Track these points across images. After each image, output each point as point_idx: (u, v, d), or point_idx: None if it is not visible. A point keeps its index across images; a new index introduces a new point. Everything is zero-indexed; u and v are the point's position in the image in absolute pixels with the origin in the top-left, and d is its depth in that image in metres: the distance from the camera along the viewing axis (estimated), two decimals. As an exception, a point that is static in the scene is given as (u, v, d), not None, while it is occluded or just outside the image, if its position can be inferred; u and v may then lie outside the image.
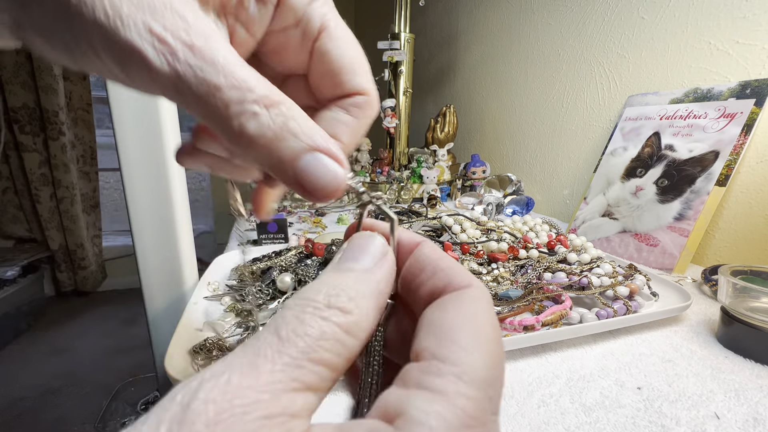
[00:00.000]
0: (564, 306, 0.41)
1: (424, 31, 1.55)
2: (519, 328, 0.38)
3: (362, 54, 0.16)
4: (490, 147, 1.22)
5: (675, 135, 0.65)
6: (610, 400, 0.32)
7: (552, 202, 0.99)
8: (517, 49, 1.08)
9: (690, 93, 0.66)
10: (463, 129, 1.33)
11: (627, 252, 0.65)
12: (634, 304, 0.44)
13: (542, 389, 0.33)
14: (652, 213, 0.64)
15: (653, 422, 0.29)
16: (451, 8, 1.37)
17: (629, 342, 0.40)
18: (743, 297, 0.39)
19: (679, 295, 0.47)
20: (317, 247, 0.52)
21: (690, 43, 0.67)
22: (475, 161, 1.08)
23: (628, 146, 0.72)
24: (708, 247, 0.66)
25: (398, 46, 1.11)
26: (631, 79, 0.77)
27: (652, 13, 0.72)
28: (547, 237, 0.60)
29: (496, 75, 1.17)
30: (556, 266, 0.49)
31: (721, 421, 0.30)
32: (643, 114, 0.72)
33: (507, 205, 0.89)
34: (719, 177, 0.57)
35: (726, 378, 0.35)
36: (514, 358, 0.37)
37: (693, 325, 0.44)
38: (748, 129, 0.57)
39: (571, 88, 0.91)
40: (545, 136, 1.00)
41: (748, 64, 0.59)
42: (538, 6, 0.99)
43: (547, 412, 0.31)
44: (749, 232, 0.60)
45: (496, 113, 1.18)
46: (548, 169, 0.99)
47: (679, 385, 0.34)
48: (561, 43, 0.93)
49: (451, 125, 1.15)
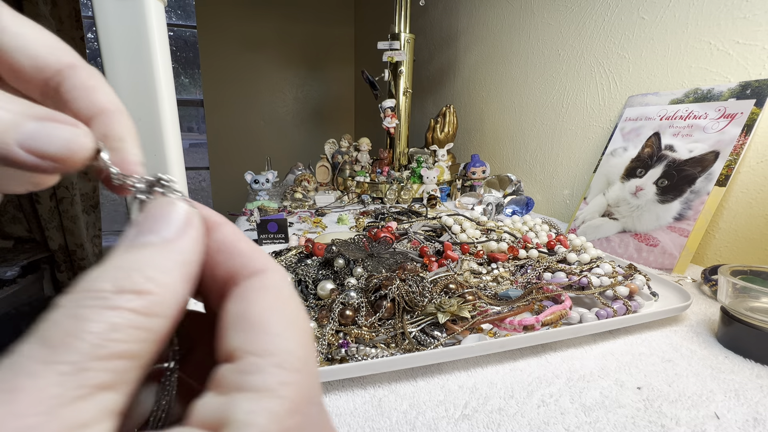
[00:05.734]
0: (564, 306, 0.41)
1: (424, 31, 1.55)
2: (519, 328, 0.38)
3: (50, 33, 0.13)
4: (490, 147, 1.22)
5: (675, 135, 0.65)
6: (610, 400, 0.32)
7: (552, 202, 0.99)
8: (517, 49, 1.08)
9: (690, 93, 0.66)
10: (463, 129, 1.34)
11: (627, 252, 0.65)
12: (633, 304, 0.44)
13: (542, 389, 0.33)
14: (652, 213, 0.64)
15: (653, 422, 0.29)
16: (451, 8, 1.37)
17: (629, 342, 0.40)
18: (743, 297, 0.39)
19: (678, 295, 0.47)
20: (317, 247, 0.52)
21: (690, 43, 0.67)
22: (474, 161, 1.08)
23: (628, 146, 0.72)
24: (708, 247, 0.66)
25: (398, 47, 1.11)
26: (632, 80, 0.77)
27: (652, 13, 0.72)
28: (547, 237, 0.60)
29: (496, 75, 1.17)
30: (555, 266, 0.49)
31: (721, 421, 0.30)
32: (643, 114, 0.72)
33: (507, 205, 0.89)
34: (719, 177, 0.57)
35: (726, 378, 0.35)
36: (514, 358, 0.37)
37: (693, 325, 0.44)
38: (748, 129, 0.57)
39: (571, 88, 0.91)
40: (545, 136, 1.00)
41: (749, 64, 0.59)
42: (539, 6, 0.99)
43: (547, 412, 0.30)
44: (749, 232, 0.60)
45: (496, 113, 1.18)
46: (548, 169, 0.99)
47: (679, 385, 0.34)
48: (561, 43, 0.93)
49: (451, 125, 1.15)
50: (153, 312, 0.10)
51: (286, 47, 2.43)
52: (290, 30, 2.42)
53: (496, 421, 0.30)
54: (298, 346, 0.10)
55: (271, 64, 2.44)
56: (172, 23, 2.46)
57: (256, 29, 2.35)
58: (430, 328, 0.38)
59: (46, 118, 0.11)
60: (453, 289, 0.43)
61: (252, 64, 2.39)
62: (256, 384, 0.09)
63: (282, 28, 2.40)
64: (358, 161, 1.14)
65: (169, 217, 0.11)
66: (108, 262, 0.10)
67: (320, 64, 2.54)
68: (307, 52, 2.49)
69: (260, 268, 0.12)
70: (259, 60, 2.40)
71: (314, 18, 2.43)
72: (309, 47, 2.48)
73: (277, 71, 2.46)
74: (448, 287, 0.43)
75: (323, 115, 2.63)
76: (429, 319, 0.38)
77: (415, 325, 0.38)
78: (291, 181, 1.13)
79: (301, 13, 2.39)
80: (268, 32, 2.38)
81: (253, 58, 2.38)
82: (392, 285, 0.40)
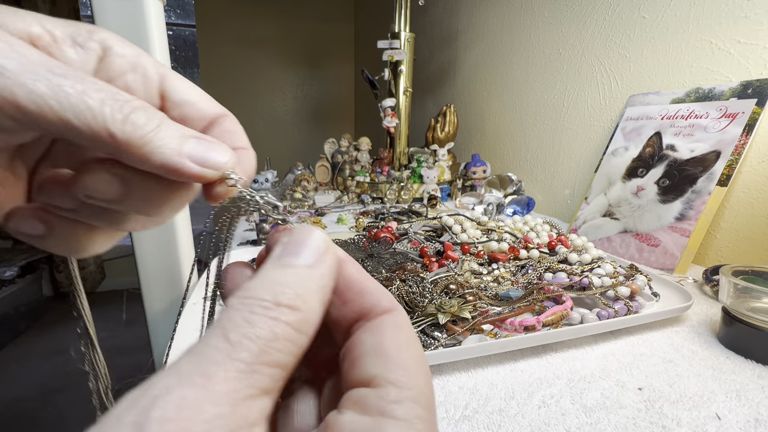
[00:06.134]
0: (565, 306, 0.41)
1: (425, 30, 1.55)
2: (520, 329, 0.38)
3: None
4: (491, 147, 1.22)
5: (676, 135, 0.65)
6: (611, 401, 0.32)
7: (553, 202, 0.98)
8: (518, 49, 1.07)
9: (691, 93, 0.66)
10: (464, 128, 1.33)
11: (628, 252, 0.65)
12: (635, 305, 0.43)
13: (543, 390, 0.33)
14: (653, 213, 0.64)
15: (654, 423, 0.29)
16: (452, 7, 1.37)
17: (630, 342, 0.40)
18: (744, 297, 0.39)
19: (680, 295, 0.47)
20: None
21: (691, 42, 0.66)
22: (475, 161, 1.07)
23: (629, 146, 0.72)
24: (709, 248, 0.66)
25: (398, 46, 1.11)
26: (633, 79, 0.77)
27: (653, 12, 0.72)
28: (548, 237, 0.60)
29: (496, 74, 1.17)
30: (556, 266, 0.49)
31: (722, 421, 0.29)
32: (645, 114, 0.71)
33: (507, 205, 0.89)
34: (721, 177, 0.57)
35: (727, 378, 0.35)
36: (514, 359, 0.37)
37: (694, 325, 0.44)
38: (749, 129, 0.56)
39: (572, 88, 0.91)
40: (546, 135, 1.00)
41: (750, 63, 0.59)
42: (539, 5, 0.99)
43: (548, 412, 0.30)
44: (751, 233, 0.60)
45: (497, 113, 1.18)
46: (549, 169, 0.99)
47: (680, 385, 0.34)
48: (562, 43, 0.93)
49: (452, 125, 1.15)
50: (301, 329, 0.11)
51: (286, 46, 2.43)
52: (290, 28, 2.41)
53: (497, 422, 0.29)
54: (427, 385, 0.12)
55: (270, 63, 2.43)
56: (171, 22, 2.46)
57: (255, 28, 2.35)
58: (431, 328, 0.38)
59: (201, 137, 0.14)
60: (453, 289, 0.43)
61: (251, 63, 2.39)
62: (398, 413, 0.11)
63: (281, 26, 2.39)
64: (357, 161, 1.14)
65: (311, 243, 0.13)
66: (263, 274, 0.12)
67: (320, 62, 2.53)
68: (307, 50, 2.49)
69: (389, 307, 0.13)
70: (258, 59, 2.40)
71: (314, 16, 2.43)
72: (309, 46, 2.48)
73: (277, 70, 2.46)
74: (449, 288, 0.43)
75: (323, 115, 2.63)
76: (429, 319, 0.38)
77: (415, 325, 0.38)
78: (290, 181, 1.12)
79: (301, 11, 2.39)
80: (267, 31, 2.38)
81: (252, 57, 2.38)
82: (392, 285, 0.40)
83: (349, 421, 0.11)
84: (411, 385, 0.11)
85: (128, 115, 0.12)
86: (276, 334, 0.10)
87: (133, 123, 0.12)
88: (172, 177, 0.13)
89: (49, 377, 1.40)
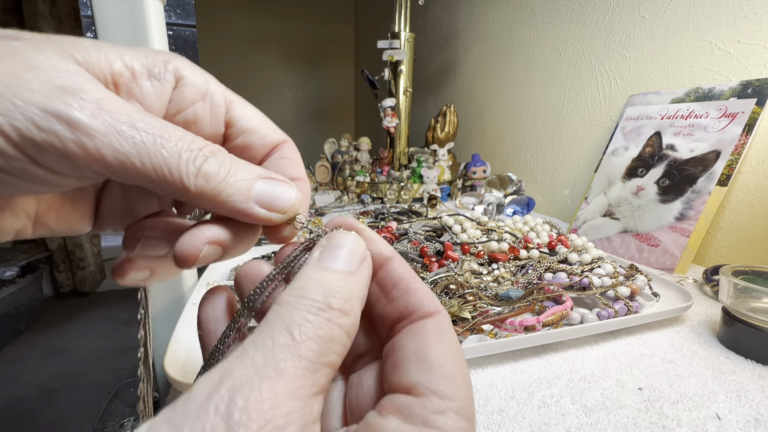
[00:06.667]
0: (565, 306, 0.41)
1: (425, 30, 1.55)
2: (520, 329, 0.38)
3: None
4: (491, 147, 1.21)
5: (676, 135, 0.65)
6: (611, 401, 0.32)
7: (553, 202, 0.98)
8: (518, 49, 1.07)
9: (691, 92, 0.66)
10: (464, 128, 1.33)
11: (628, 252, 0.65)
12: (635, 305, 0.43)
13: (543, 390, 0.33)
14: (653, 213, 0.64)
15: (654, 423, 0.29)
16: (452, 7, 1.37)
17: (630, 342, 0.40)
18: (744, 297, 0.39)
19: (680, 295, 0.47)
20: (317, 247, 0.51)
21: (691, 42, 0.66)
22: (475, 161, 1.07)
23: (629, 146, 0.72)
24: (709, 248, 0.65)
25: (398, 45, 1.11)
26: (632, 79, 0.77)
27: (653, 12, 0.72)
28: (548, 237, 0.60)
29: (496, 74, 1.17)
30: (556, 266, 0.49)
31: (722, 422, 0.29)
32: (644, 113, 0.71)
33: (507, 205, 0.89)
34: (720, 177, 0.57)
35: (727, 379, 0.35)
36: (514, 359, 0.37)
37: (694, 325, 0.44)
38: (749, 129, 0.56)
39: (572, 88, 0.91)
40: (546, 135, 1.00)
41: (750, 63, 0.59)
42: (539, 5, 0.99)
43: (548, 412, 0.30)
44: (751, 233, 0.60)
45: (497, 113, 1.18)
46: (549, 169, 0.99)
47: (680, 385, 0.34)
48: (562, 42, 0.93)
49: (452, 125, 1.14)
50: (350, 333, 0.11)
51: (286, 46, 2.43)
52: (290, 28, 2.41)
53: (497, 422, 0.29)
54: (469, 396, 0.12)
55: (270, 63, 2.43)
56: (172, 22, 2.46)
57: (255, 28, 2.35)
58: (431, 328, 0.38)
59: (269, 176, 0.14)
60: (453, 289, 0.43)
61: (251, 63, 2.39)
62: (442, 425, 0.11)
63: (281, 26, 2.39)
64: (357, 161, 1.14)
65: (351, 248, 0.13)
66: (309, 275, 0.12)
67: (320, 62, 2.53)
68: (307, 50, 2.49)
69: (434, 310, 0.13)
70: (258, 59, 2.40)
71: (314, 16, 2.43)
72: (309, 46, 2.48)
73: (277, 70, 2.46)
74: (449, 288, 0.43)
75: (323, 115, 2.63)
76: (429, 319, 0.38)
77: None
78: (291, 181, 1.12)
79: (301, 10, 2.39)
80: (267, 31, 2.38)
81: (252, 57, 2.38)
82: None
83: (393, 427, 0.11)
84: (454, 396, 0.11)
85: (200, 167, 0.13)
86: (333, 336, 0.10)
87: (206, 175, 0.13)
88: (243, 220, 0.14)
89: (49, 377, 1.40)
